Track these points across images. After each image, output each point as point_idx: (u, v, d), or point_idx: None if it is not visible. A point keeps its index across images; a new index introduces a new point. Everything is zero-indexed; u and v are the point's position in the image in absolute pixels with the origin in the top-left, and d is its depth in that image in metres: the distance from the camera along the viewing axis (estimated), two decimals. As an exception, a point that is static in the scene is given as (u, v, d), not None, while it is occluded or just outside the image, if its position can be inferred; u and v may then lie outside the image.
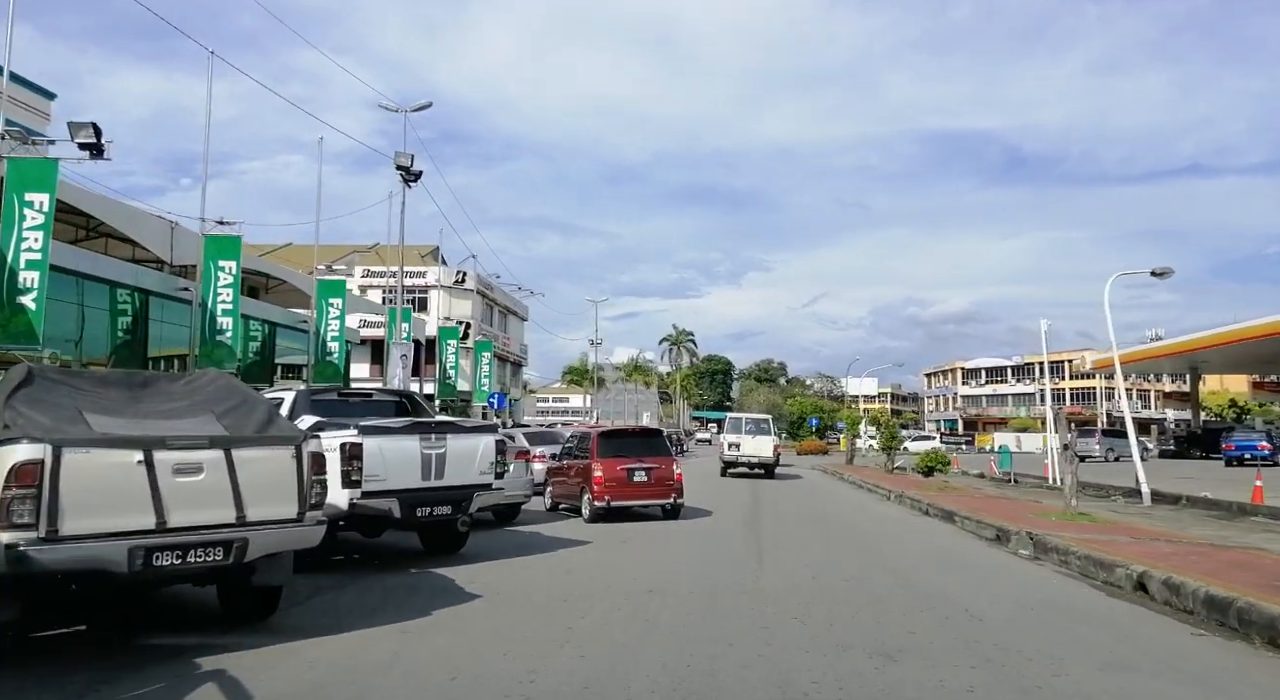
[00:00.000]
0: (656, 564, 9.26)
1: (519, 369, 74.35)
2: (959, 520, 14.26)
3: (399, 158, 20.19)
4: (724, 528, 12.99)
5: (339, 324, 23.09)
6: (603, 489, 13.59)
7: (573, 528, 12.98)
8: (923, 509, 16.72)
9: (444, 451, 8.88)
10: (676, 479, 14.21)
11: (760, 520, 14.29)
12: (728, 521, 14.06)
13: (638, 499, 13.97)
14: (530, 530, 12.62)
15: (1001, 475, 29.94)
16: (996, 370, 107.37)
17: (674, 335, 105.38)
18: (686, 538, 11.58)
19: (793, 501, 18.89)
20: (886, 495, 20.55)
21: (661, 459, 14.36)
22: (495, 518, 13.69)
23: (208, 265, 17.98)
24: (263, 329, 23.45)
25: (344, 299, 23.18)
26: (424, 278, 59.38)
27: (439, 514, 8.86)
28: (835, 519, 15.12)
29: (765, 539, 11.58)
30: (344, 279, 23.38)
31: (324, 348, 23.10)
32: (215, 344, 17.88)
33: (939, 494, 19.21)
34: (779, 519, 14.62)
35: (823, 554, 10.31)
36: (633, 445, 14.59)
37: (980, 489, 23.06)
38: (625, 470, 13.83)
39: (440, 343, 34.23)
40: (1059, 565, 9.84)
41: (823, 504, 18.45)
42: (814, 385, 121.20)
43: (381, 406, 10.18)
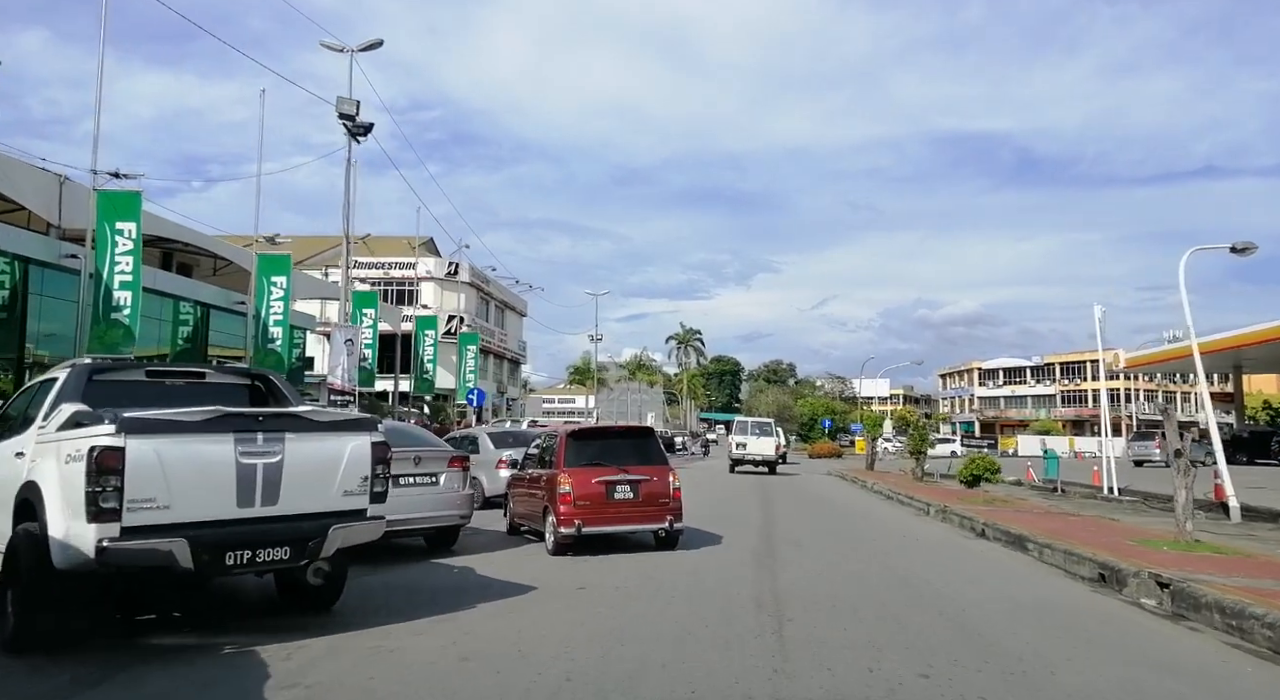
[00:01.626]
0: (617, 645, 5.80)
1: (517, 366, 71.14)
2: (1034, 549, 10.90)
3: (342, 104, 16.93)
4: (730, 565, 9.62)
5: (283, 306, 19.88)
6: (572, 510, 9.94)
7: (525, 562, 9.70)
8: (977, 529, 13.37)
9: (278, 460, 5.60)
10: (674, 496, 10.58)
11: (777, 551, 10.93)
12: (735, 551, 10.70)
13: (620, 523, 10.37)
14: (462, 565, 9.31)
15: (1043, 483, 26.54)
16: (1015, 371, 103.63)
17: (681, 334, 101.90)
18: (675, 586, 8.22)
19: (815, 519, 15.54)
20: (924, 509, 17.18)
21: (654, 469, 10.61)
22: (426, 543, 10.44)
23: (101, 228, 14.80)
24: (195, 312, 20.29)
25: (289, 276, 19.97)
26: (414, 269, 56.34)
27: (268, 559, 5.56)
28: (874, 546, 11.76)
29: (787, 586, 8.20)
30: (288, 254, 20.19)
31: (265, 333, 19.90)
32: (110, 323, 14.66)
33: (989, 509, 15.85)
34: (802, 549, 11.27)
35: (874, 614, 6.96)
36: (615, 450, 10.82)
37: (1024, 499, 19.61)
38: (603, 484, 10.18)
39: (417, 334, 30.97)
40: (1227, 632, 6.50)
41: (852, 522, 15.10)
42: (824, 386, 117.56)
43: (219, 393, 6.88)
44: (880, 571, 9.25)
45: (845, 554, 10.60)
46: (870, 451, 33.14)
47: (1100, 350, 23.61)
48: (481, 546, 10.91)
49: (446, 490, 9.68)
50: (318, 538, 5.73)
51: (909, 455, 26.43)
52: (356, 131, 17.45)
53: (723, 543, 11.46)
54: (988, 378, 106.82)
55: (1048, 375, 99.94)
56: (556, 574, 8.77)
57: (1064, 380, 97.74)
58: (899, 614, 6.95)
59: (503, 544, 11.19)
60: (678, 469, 11.54)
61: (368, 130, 17.54)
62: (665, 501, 10.41)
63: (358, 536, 6.01)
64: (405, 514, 9.23)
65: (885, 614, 6.94)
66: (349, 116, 17.02)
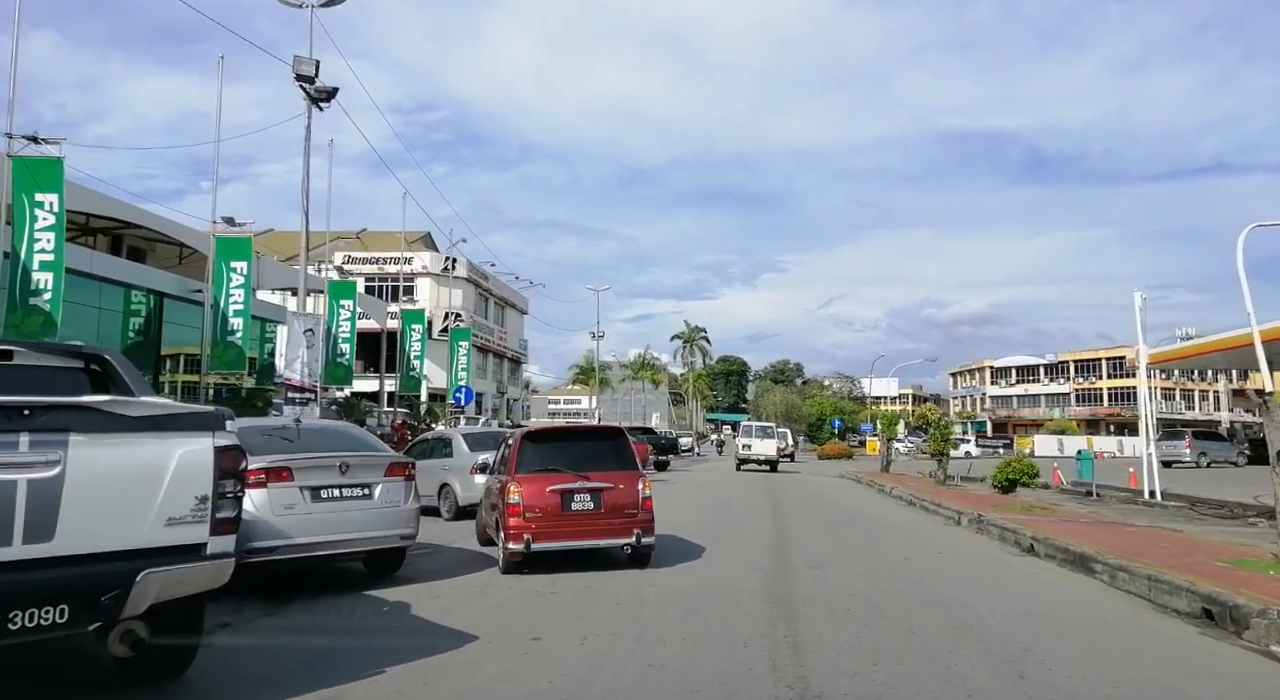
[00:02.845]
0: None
1: (518, 366, 69.29)
2: (1103, 572, 8.97)
3: (299, 64, 14.94)
4: (735, 598, 7.71)
5: (244, 294, 18.04)
6: (521, 523, 8.65)
7: (477, 594, 7.82)
8: (1023, 544, 11.43)
9: (55, 474, 3.72)
10: (643, 506, 9.18)
11: (794, 578, 9.01)
12: (742, 575, 8.80)
13: (578, 538, 9.01)
14: (397, 600, 7.40)
15: (1072, 486, 24.56)
16: (1028, 369, 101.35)
17: (686, 332, 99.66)
18: (662, 634, 6.32)
19: (834, 532, 13.62)
20: (953, 518, 15.24)
21: (619, 475, 9.24)
22: (366, 567, 8.57)
23: (19, 200, 12.97)
24: (147, 301, 18.47)
25: (250, 261, 18.13)
26: (409, 264, 54.51)
27: (31, 625, 3.67)
28: (909, 570, 9.83)
29: (812, 637, 6.23)
30: (249, 237, 18.36)
31: (224, 324, 18.07)
32: (28, 309, 12.85)
33: (1030, 518, 13.92)
34: (822, 572, 9.35)
35: (935, 677, 5.04)
36: (577, 453, 9.49)
37: (1058, 504, 17.59)
38: (558, 493, 8.87)
39: (403, 329, 29.10)
40: None
41: (876, 535, 13.17)
42: (832, 386, 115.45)
43: (33, 379, 4.97)
44: (925, 607, 7.31)
45: (876, 580, 8.67)
46: (885, 452, 31.20)
47: (1141, 342, 21.62)
48: (435, 570, 9.03)
49: (383, 505, 7.80)
50: (117, 589, 3.85)
51: (929, 456, 24.45)
52: (319, 98, 15.59)
53: (726, 563, 9.56)
54: (1000, 376, 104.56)
55: (1061, 373, 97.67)
56: (510, 614, 6.89)
57: (1078, 378, 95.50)
58: (967, 677, 5.03)
59: (461, 566, 9.31)
60: (688, 471, 9.62)
61: (330, 95, 15.66)
62: (632, 513, 9.06)
63: (188, 583, 4.13)
64: (324, 535, 7.39)
65: (950, 677, 5.03)
66: (307, 78, 15.08)
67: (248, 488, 6.93)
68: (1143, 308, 21.52)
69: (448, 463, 14.69)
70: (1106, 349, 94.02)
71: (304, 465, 7.40)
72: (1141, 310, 21.44)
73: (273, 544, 7.10)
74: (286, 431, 8.18)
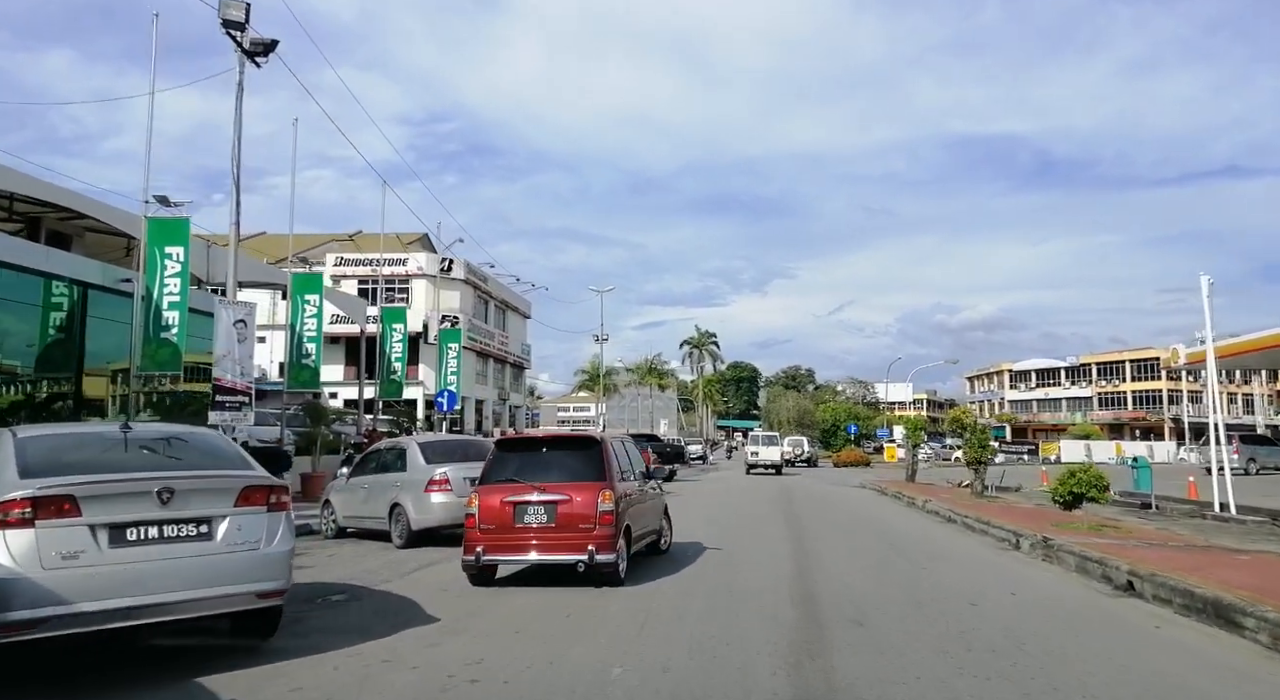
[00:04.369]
0: None
1: (521, 371, 66.85)
2: (1261, 630, 6.41)
3: (227, 8, 12.50)
4: (736, 681, 5.20)
5: (179, 284, 15.66)
6: (476, 535, 8.59)
7: (369, 671, 5.32)
8: (1116, 580, 8.87)
9: None
10: (601, 521, 8.44)
11: (828, 642, 6.48)
12: (745, 641, 6.27)
13: (528, 552, 8.58)
14: (229, 698, 4.93)
15: (1121, 497, 21.88)
16: (1048, 373, 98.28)
17: (695, 337, 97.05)
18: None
19: (864, 557, 11.04)
20: (1010, 542, 12.66)
21: (578, 486, 8.64)
22: (232, 629, 6.08)
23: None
24: (70, 292, 16.12)
25: (187, 247, 15.75)
26: (405, 266, 52.32)
27: None
28: (972, 616, 7.29)
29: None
30: (186, 218, 15.99)
31: (158, 319, 15.68)
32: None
33: (1106, 542, 11.33)
34: (860, 624, 6.83)
35: None
36: (545, 463, 9.05)
37: (1118, 520, 14.86)
38: (510, 505, 8.56)
39: (384, 329, 26.69)
40: None
41: (918, 563, 10.60)
42: (845, 391, 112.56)
43: None
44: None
45: (945, 646, 6.11)
46: (911, 461, 28.55)
47: (1210, 334, 18.97)
48: (335, 631, 6.53)
49: (231, 548, 5.33)
50: None
51: (964, 465, 21.82)
52: (254, 52, 13.19)
53: (734, 612, 7.04)
54: (1019, 380, 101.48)
55: (1083, 376, 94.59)
56: (440, 648, 4.41)
57: (1100, 382, 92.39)
58: None
59: (375, 625, 6.78)
60: (697, 481, 7.27)
61: (268, 49, 13.28)
62: (587, 528, 8.41)
63: None
64: (129, 597, 4.92)
65: None
66: (236, 25, 12.65)
67: (2, 528, 4.51)
68: (1210, 294, 18.93)
69: (400, 478, 12.23)
70: (1131, 351, 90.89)
71: (99, 492, 4.95)
72: (1209, 297, 18.85)
73: (40, 614, 4.65)
74: (102, 442, 5.75)
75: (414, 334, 48.24)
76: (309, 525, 14.14)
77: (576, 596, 8.01)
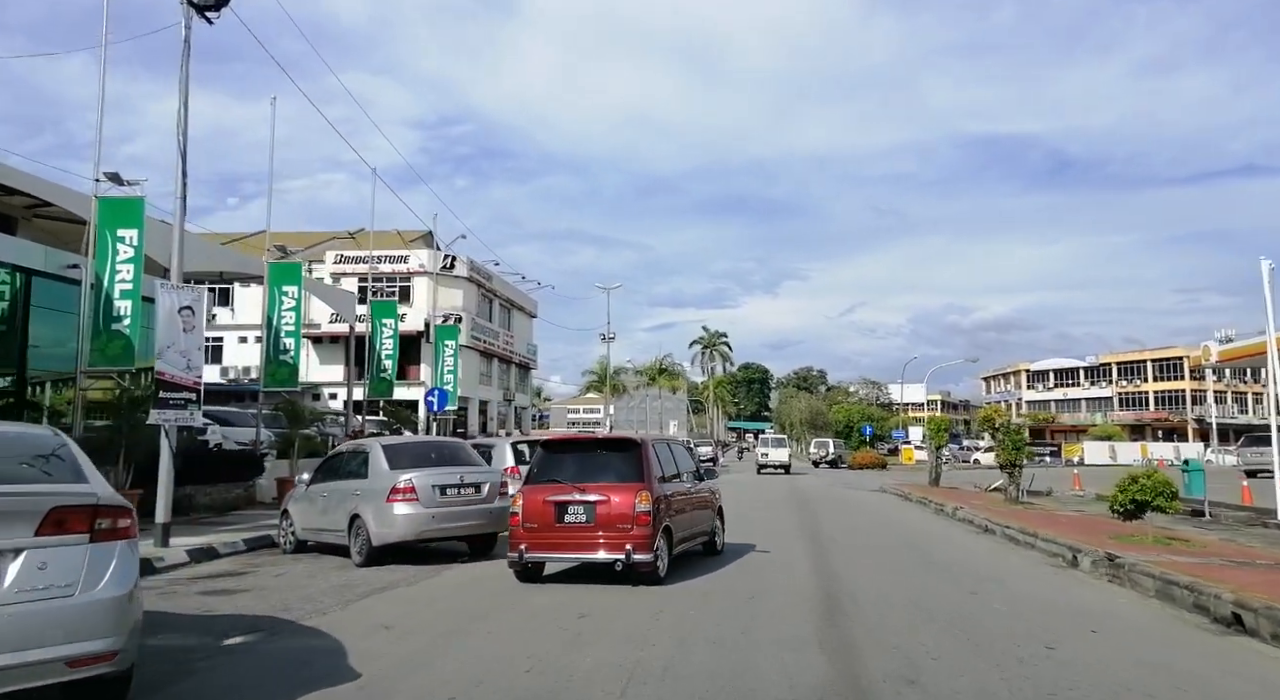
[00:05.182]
0: None
1: (527, 372, 65.31)
2: None
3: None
4: None
5: (133, 270, 14.16)
6: (519, 533, 8.98)
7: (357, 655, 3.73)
8: (1216, 611, 7.21)
9: None
10: (638, 521, 8.63)
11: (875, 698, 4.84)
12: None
13: (569, 551, 8.96)
14: None
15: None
16: (1067, 373, 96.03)
17: (706, 337, 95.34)
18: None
19: (901, 579, 9.37)
20: (1064, 557, 10.98)
21: (618, 487, 8.85)
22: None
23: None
24: (12, 280, 14.64)
25: (141, 229, 14.24)
26: (406, 263, 50.90)
27: None
28: (1053, 667, 5.65)
29: None
30: (140, 197, 14.46)
31: (108, 309, 14.20)
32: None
33: (1181, 558, 9.64)
34: (914, 683, 5.20)
35: None
36: (587, 465, 9.40)
37: (1173, 529, 13.07)
38: (553, 505, 8.92)
39: (373, 324, 25.16)
40: None
41: (966, 588, 8.92)
42: (858, 392, 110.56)
43: None
44: None
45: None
46: (935, 464, 26.80)
47: (1271, 324, 17.18)
48: (230, 687, 4.96)
49: (26, 593, 3.74)
50: None
51: (999, 468, 20.09)
52: (203, 6, 11.73)
53: (746, 666, 5.41)
54: (1037, 380, 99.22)
55: (1103, 376, 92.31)
56: None
57: (1121, 382, 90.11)
58: None
59: (285, 683, 5.19)
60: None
61: (219, 3, 11.80)
62: (625, 528, 8.66)
63: None
64: None
65: None
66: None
67: None
68: (1270, 280, 17.16)
69: (360, 486, 10.63)
70: (1153, 350, 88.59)
71: None
72: (1270, 282, 17.07)
73: None
74: None
75: (416, 333, 46.84)
76: (270, 537, 12.63)
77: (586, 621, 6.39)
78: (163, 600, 8.11)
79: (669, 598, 8.07)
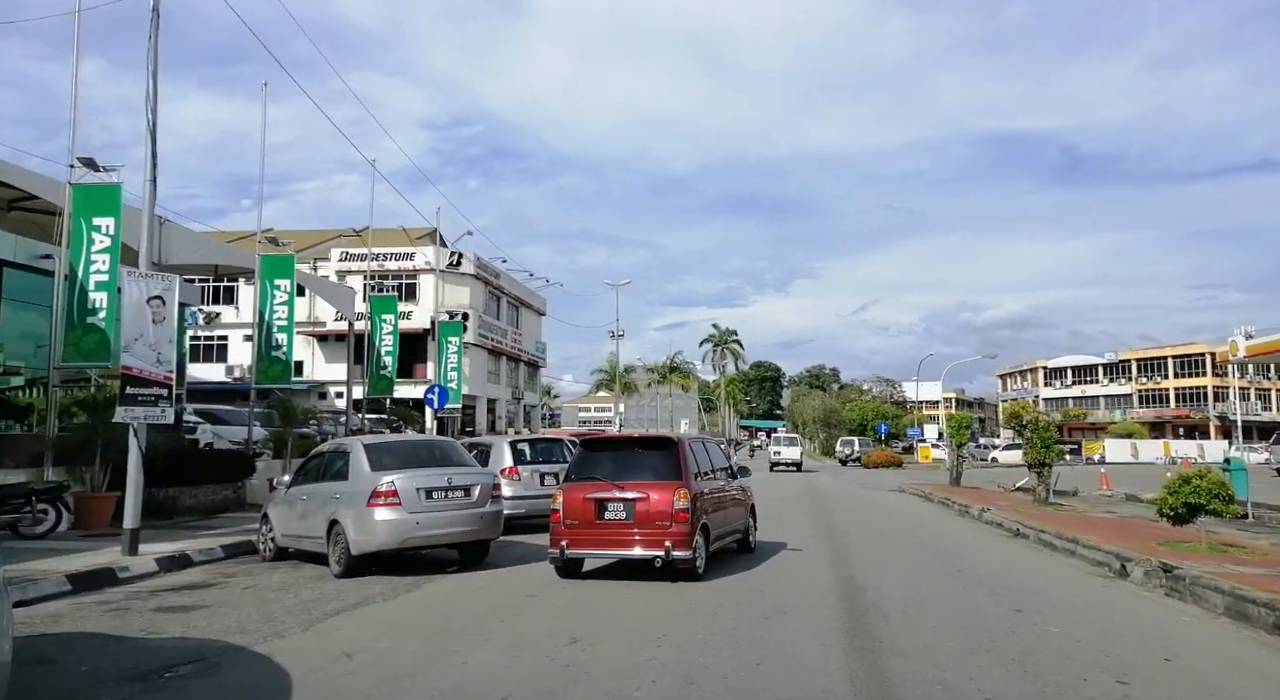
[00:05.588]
0: None
1: (536, 370, 64.48)
2: None
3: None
4: None
5: (109, 261, 13.38)
6: (561, 530, 9.03)
7: None
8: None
9: None
10: (676, 518, 8.69)
11: None
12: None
13: (609, 547, 9.02)
14: None
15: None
16: (1085, 370, 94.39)
17: (717, 335, 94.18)
18: None
19: (932, 588, 8.42)
20: (1111, 566, 10.00)
21: (655, 485, 8.94)
22: None
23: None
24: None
25: (118, 218, 13.45)
26: (412, 260, 50.19)
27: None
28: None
29: None
30: (117, 183, 13.68)
31: (83, 301, 13.42)
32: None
33: (1246, 568, 8.65)
34: None
35: None
36: (626, 463, 9.47)
37: (1217, 532, 11.97)
38: (593, 502, 8.98)
39: (373, 321, 24.36)
40: None
41: (1006, 603, 7.96)
42: (871, 390, 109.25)
43: None
44: None
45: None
46: (955, 463, 25.77)
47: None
48: None
49: None
50: None
51: (1027, 467, 19.07)
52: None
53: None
54: (1054, 377, 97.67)
55: (1122, 373, 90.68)
56: None
57: (1141, 378, 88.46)
58: None
59: None
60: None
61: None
62: (664, 525, 8.76)
63: None
64: None
65: None
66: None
67: None
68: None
69: (340, 488, 9.77)
70: (1174, 346, 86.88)
71: None
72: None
73: None
74: None
75: (422, 330, 46.06)
76: (252, 543, 11.81)
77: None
78: (110, 619, 7.27)
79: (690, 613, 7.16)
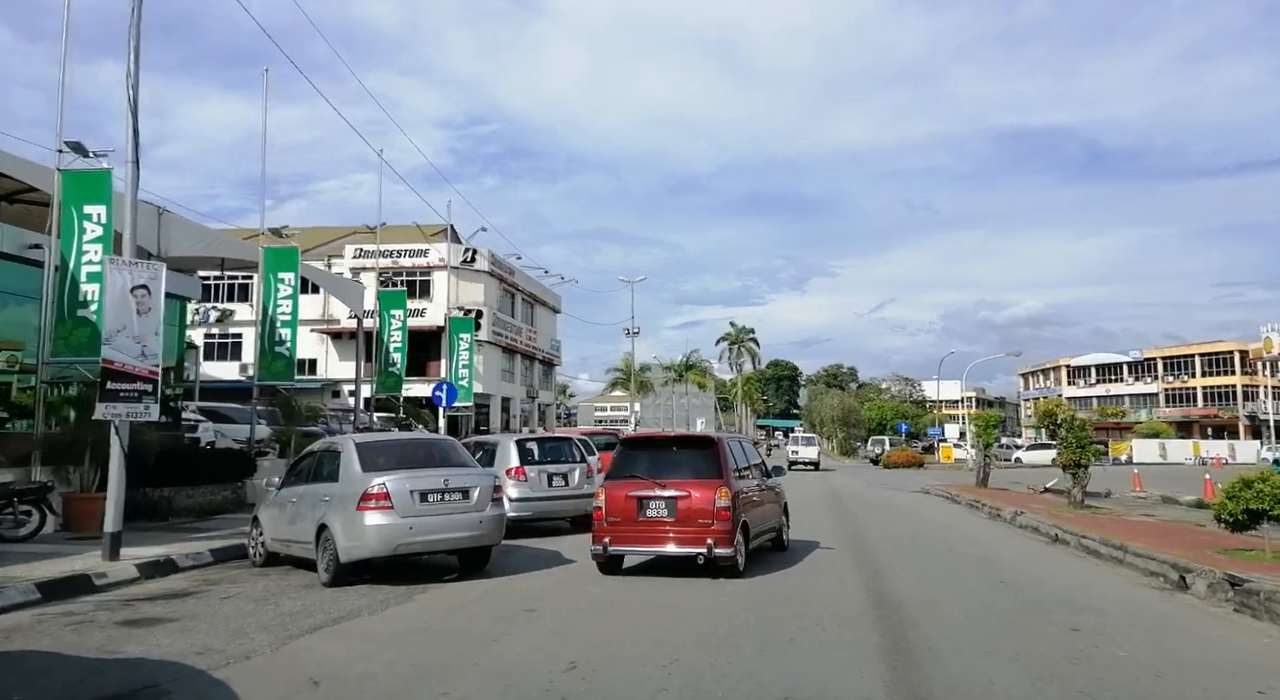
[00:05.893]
0: None
1: (551, 368, 63.88)
2: None
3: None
4: None
5: (101, 251, 12.80)
6: (602, 527, 9.21)
7: None
8: None
9: None
10: (718, 516, 8.75)
11: None
12: None
13: (651, 544, 9.09)
14: None
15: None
16: (1110, 368, 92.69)
17: (733, 333, 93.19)
18: None
19: (968, 599, 7.61)
20: (1168, 576, 9.14)
21: (697, 483, 9.00)
22: None
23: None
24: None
25: (109, 206, 12.87)
26: (426, 257, 49.70)
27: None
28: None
29: None
30: (107, 170, 13.11)
31: (74, 293, 12.87)
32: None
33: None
34: None
35: None
36: (666, 461, 9.53)
37: (1262, 538, 11.07)
38: (635, 499, 9.10)
39: (381, 316, 23.75)
40: None
41: (1059, 624, 7.15)
42: (890, 389, 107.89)
43: None
44: None
45: None
46: (982, 463, 24.84)
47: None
48: None
49: None
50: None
51: (1061, 468, 18.17)
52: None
53: None
54: (1078, 375, 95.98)
55: (1148, 372, 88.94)
56: None
57: (1167, 377, 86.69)
58: None
59: None
60: None
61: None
62: (705, 523, 8.82)
63: None
64: None
65: None
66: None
67: None
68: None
69: (330, 490, 9.08)
70: (1201, 344, 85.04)
71: None
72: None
73: None
74: None
75: (436, 328, 45.50)
76: (245, 547, 11.17)
77: None
78: (69, 635, 6.61)
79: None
